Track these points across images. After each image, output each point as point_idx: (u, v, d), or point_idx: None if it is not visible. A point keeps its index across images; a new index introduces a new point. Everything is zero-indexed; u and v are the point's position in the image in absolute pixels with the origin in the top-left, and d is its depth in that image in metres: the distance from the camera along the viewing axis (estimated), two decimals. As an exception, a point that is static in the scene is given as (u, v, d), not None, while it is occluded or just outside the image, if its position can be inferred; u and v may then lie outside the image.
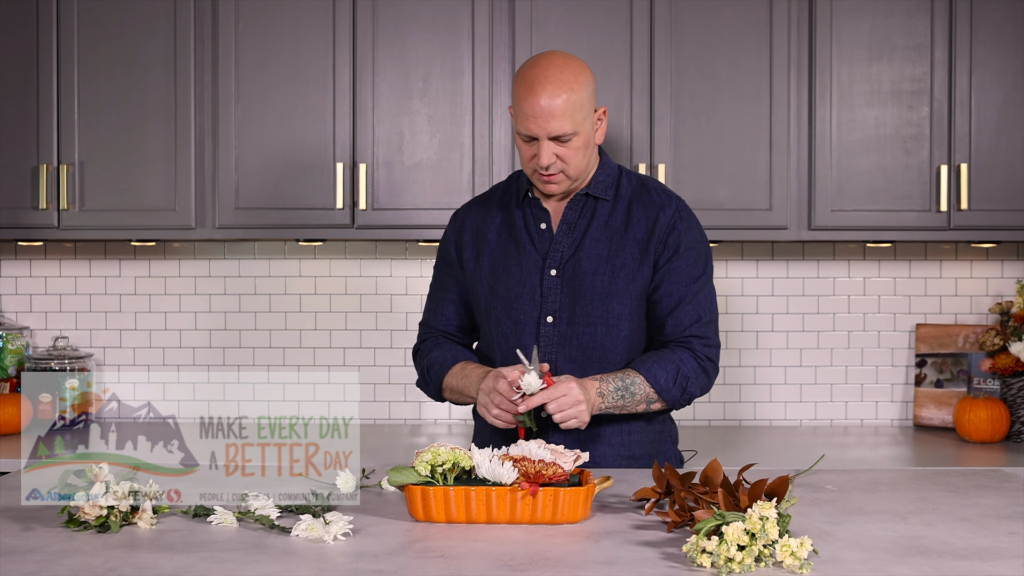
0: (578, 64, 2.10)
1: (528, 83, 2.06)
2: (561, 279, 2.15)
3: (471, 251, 2.25)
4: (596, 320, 2.14)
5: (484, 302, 2.22)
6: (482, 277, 2.22)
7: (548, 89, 2.04)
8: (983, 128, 2.99)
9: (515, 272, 2.18)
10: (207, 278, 3.37)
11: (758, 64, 2.98)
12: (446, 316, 2.31)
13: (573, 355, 2.15)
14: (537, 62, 2.09)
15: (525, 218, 2.21)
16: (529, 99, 2.05)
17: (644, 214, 2.17)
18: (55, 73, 3.01)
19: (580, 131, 2.08)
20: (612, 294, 2.13)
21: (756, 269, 3.34)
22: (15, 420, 3.09)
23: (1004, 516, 1.76)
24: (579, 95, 2.06)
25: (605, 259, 2.15)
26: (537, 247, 2.19)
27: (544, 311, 2.16)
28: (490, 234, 2.24)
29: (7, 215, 3.03)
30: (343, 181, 2.98)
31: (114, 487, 1.65)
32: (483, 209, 2.28)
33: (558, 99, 2.03)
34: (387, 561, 1.49)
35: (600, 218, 2.18)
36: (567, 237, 2.18)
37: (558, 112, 2.04)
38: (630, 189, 2.21)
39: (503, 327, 2.18)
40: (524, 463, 1.71)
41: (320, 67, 3.00)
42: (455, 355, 2.25)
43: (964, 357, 3.27)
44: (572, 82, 2.05)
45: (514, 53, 2.98)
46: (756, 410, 3.36)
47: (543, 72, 2.06)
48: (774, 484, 1.64)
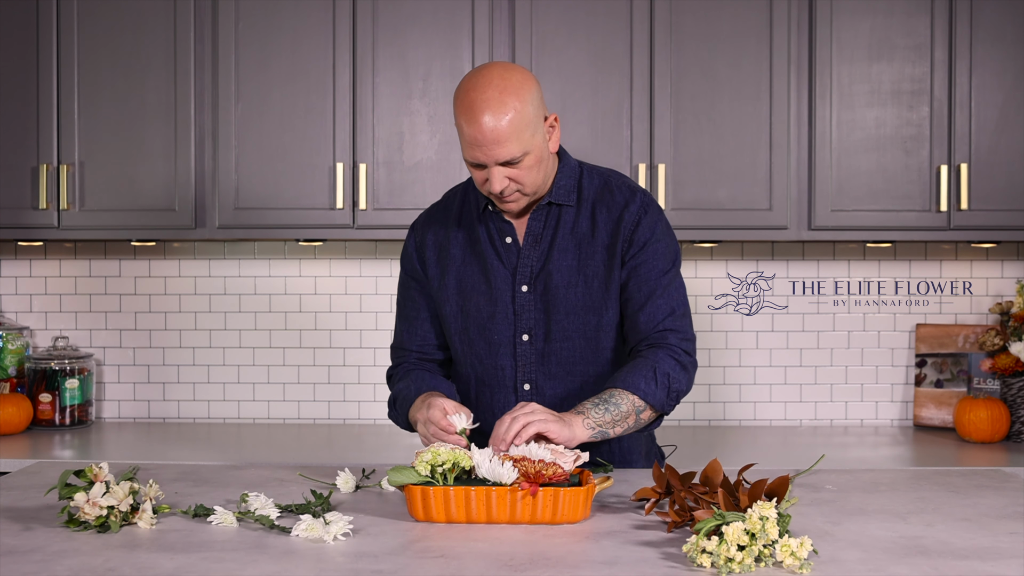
0: (520, 77, 1.92)
1: (468, 108, 1.89)
2: (533, 295, 2.05)
3: (435, 268, 2.13)
4: (573, 334, 2.06)
5: (454, 322, 2.11)
6: (449, 296, 2.11)
7: (490, 113, 1.87)
8: (983, 128, 2.99)
9: (484, 291, 2.08)
10: (207, 278, 3.37)
11: (758, 64, 2.98)
12: (421, 335, 2.17)
13: (552, 371, 2.07)
14: (475, 83, 1.91)
15: (489, 232, 2.09)
16: (471, 126, 1.89)
17: (608, 216, 2.05)
18: (55, 73, 3.01)
19: (531, 149, 1.92)
20: (587, 306, 2.05)
21: (756, 269, 3.34)
22: (15, 420, 3.09)
23: (1004, 516, 1.76)
24: (524, 112, 1.90)
25: (576, 270, 2.05)
26: (505, 263, 2.07)
27: (519, 329, 2.07)
28: (453, 250, 2.11)
29: (7, 215, 3.03)
30: (343, 181, 2.98)
31: (114, 487, 1.65)
32: (442, 222, 2.16)
33: (502, 121, 1.87)
34: (387, 561, 1.49)
35: (565, 226, 2.06)
36: (534, 250, 2.06)
37: (503, 137, 1.88)
38: (592, 190, 2.08)
39: (476, 348, 2.09)
40: (524, 463, 1.71)
41: (320, 67, 3.00)
42: (419, 386, 2.07)
43: (964, 357, 3.27)
44: (514, 101, 1.89)
45: (514, 53, 2.98)
46: (756, 410, 3.36)
47: (482, 95, 1.89)
48: (774, 484, 1.64)
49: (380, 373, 3.36)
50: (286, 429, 3.25)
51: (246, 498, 1.72)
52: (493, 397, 2.11)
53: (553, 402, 2.07)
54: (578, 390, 2.08)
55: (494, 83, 1.90)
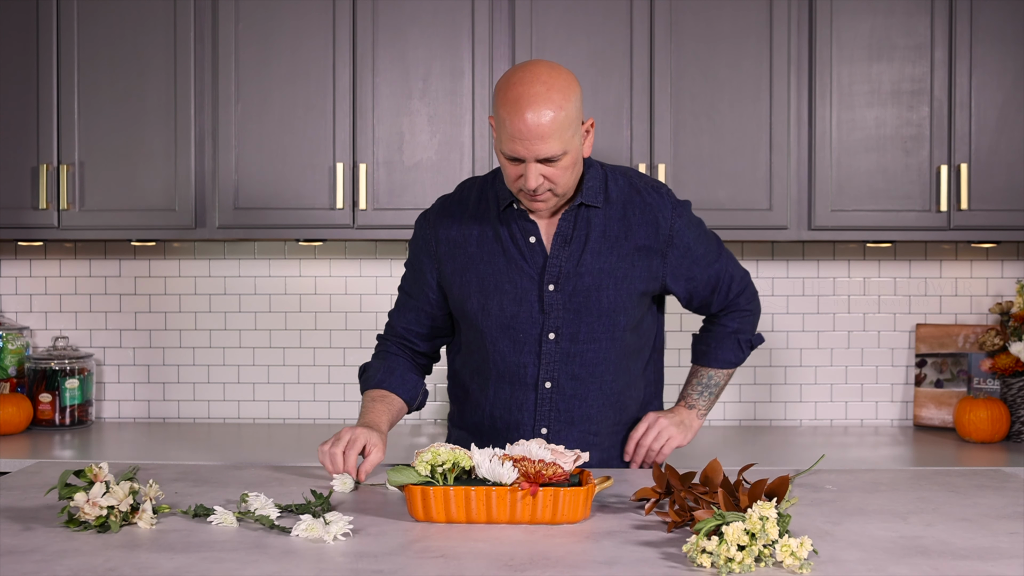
0: (566, 77, 1.94)
1: (513, 101, 1.89)
2: (562, 295, 2.06)
3: (451, 264, 2.13)
4: (601, 335, 2.08)
5: (475, 320, 2.11)
6: (470, 294, 2.10)
7: (536, 109, 1.88)
8: (983, 128, 2.99)
9: (509, 289, 2.07)
10: (207, 278, 3.37)
11: (758, 64, 2.98)
12: (406, 321, 2.22)
13: (575, 372, 2.09)
14: (522, 77, 1.92)
15: (511, 232, 2.09)
16: (514, 119, 1.89)
17: (643, 219, 2.08)
18: (55, 73, 3.01)
19: (569, 150, 1.94)
20: (617, 308, 2.07)
21: (756, 269, 3.34)
22: (15, 420, 3.09)
23: (1004, 516, 1.76)
24: (568, 112, 1.91)
25: (608, 273, 2.06)
26: (529, 262, 2.07)
27: (546, 328, 2.07)
28: (470, 247, 2.11)
29: (7, 215, 3.03)
30: (343, 181, 2.98)
31: (114, 487, 1.65)
32: (457, 217, 2.14)
33: (546, 118, 1.88)
34: (387, 561, 1.49)
35: (597, 228, 2.07)
36: (564, 251, 2.07)
37: (546, 133, 1.89)
38: (618, 191, 2.10)
39: (499, 345, 2.10)
40: (524, 463, 1.71)
41: (320, 67, 3.00)
42: (381, 377, 2.18)
43: (964, 357, 3.27)
44: (560, 99, 1.89)
45: (514, 53, 2.98)
46: (756, 410, 3.36)
47: (529, 89, 1.89)
48: (774, 484, 1.64)
49: (380, 373, 3.36)
50: (286, 429, 3.25)
51: (246, 498, 1.72)
52: (512, 394, 2.12)
53: (572, 401, 2.11)
54: (597, 390, 2.11)
55: (541, 79, 1.91)
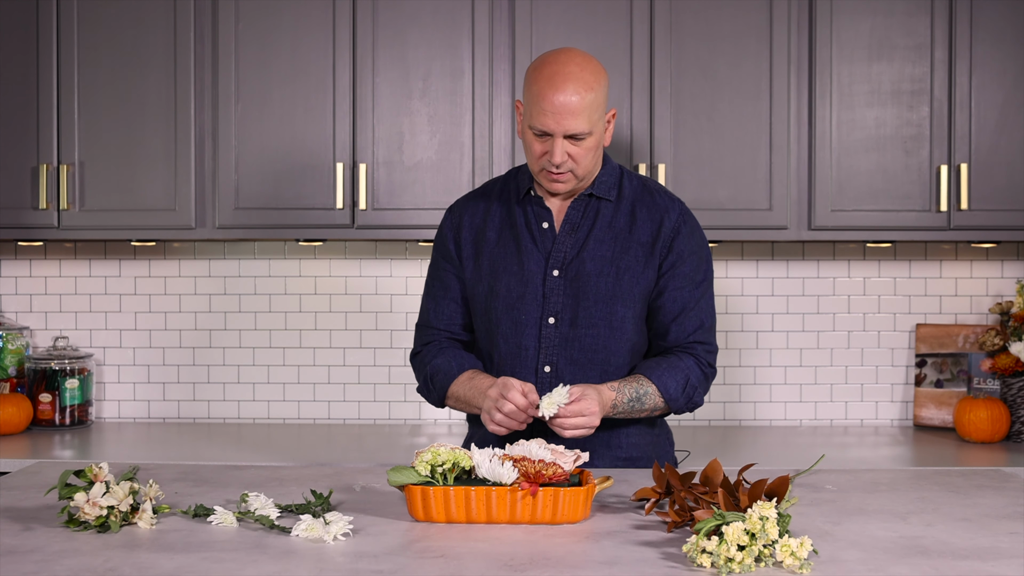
0: (597, 64, 2.08)
1: (548, 77, 2.02)
2: (564, 280, 2.13)
3: (470, 249, 2.21)
4: (599, 322, 2.12)
5: (483, 301, 2.18)
6: (481, 277, 2.19)
7: (569, 86, 2.01)
8: (983, 128, 2.99)
9: (515, 271, 2.15)
10: (207, 278, 3.37)
11: (758, 64, 2.98)
12: (448, 315, 2.24)
13: (574, 357, 2.13)
14: (557, 57, 2.06)
15: (526, 216, 2.18)
16: (548, 94, 2.01)
17: (648, 216, 2.16)
18: (55, 73, 3.01)
19: (594, 131, 2.06)
20: (616, 296, 2.12)
21: (756, 269, 3.34)
22: (15, 420, 3.09)
23: (1004, 516, 1.76)
24: (597, 95, 2.04)
25: (609, 261, 2.13)
26: (539, 246, 2.16)
27: (546, 312, 2.13)
28: (489, 232, 2.20)
29: (7, 215, 3.03)
30: (343, 181, 2.98)
31: (114, 487, 1.65)
32: (481, 205, 2.24)
33: (577, 96, 2.01)
34: (387, 561, 1.49)
35: (604, 219, 2.16)
36: (570, 237, 2.15)
37: (577, 110, 2.01)
38: (632, 190, 2.19)
39: (503, 327, 2.15)
40: (524, 463, 1.71)
41: (320, 67, 3.00)
42: (460, 363, 2.17)
43: (964, 357, 3.27)
44: (592, 81, 2.03)
45: (514, 53, 2.98)
46: (756, 410, 3.36)
47: (564, 68, 2.03)
48: (774, 484, 1.64)
49: (381, 373, 3.36)
50: (286, 429, 3.25)
51: (246, 498, 1.72)
52: (512, 376, 2.12)
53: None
54: (597, 377, 2.14)
55: (576, 60, 2.05)
